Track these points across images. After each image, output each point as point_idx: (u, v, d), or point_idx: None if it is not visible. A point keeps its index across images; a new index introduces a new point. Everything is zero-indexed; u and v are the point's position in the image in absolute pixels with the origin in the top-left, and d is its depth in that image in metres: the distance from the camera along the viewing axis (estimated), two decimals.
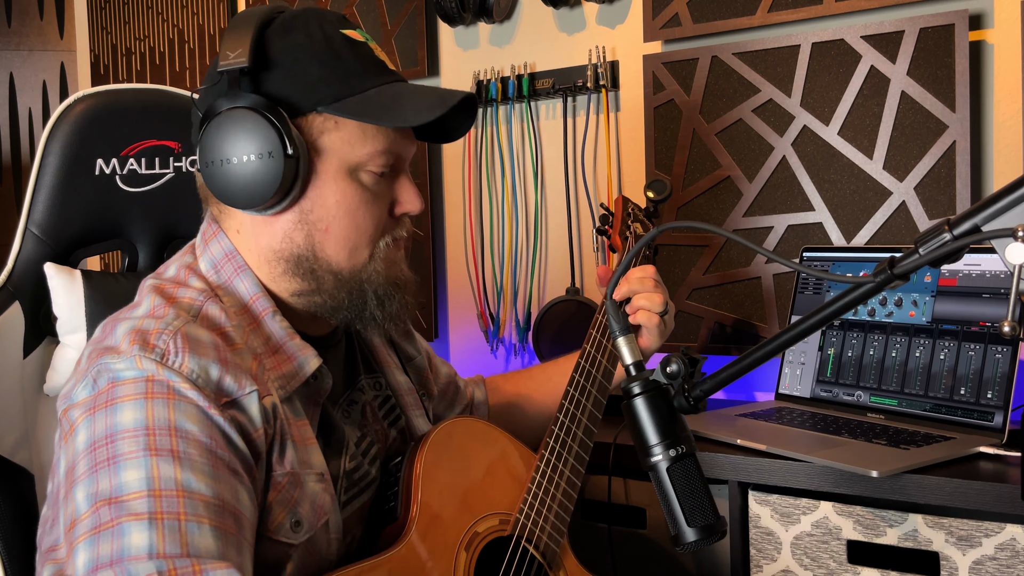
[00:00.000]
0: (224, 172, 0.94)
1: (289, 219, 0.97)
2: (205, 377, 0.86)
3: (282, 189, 0.94)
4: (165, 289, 0.96)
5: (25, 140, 2.96)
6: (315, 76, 0.96)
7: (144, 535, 0.77)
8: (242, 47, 0.94)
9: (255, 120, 0.92)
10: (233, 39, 0.95)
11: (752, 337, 1.77)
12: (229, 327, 0.94)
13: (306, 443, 0.95)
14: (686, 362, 0.85)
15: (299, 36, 0.97)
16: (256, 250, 1.00)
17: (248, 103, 0.93)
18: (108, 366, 0.86)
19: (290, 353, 0.97)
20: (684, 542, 0.82)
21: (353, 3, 2.18)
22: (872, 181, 1.66)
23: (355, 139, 0.97)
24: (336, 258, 0.99)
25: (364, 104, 0.96)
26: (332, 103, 0.96)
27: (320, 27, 0.98)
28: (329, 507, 0.96)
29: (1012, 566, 1.16)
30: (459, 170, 2.13)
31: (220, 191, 0.95)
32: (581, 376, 1.20)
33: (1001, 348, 1.37)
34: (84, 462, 0.82)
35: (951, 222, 0.71)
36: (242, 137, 0.92)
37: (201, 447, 0.83)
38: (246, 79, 0.94)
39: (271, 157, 0.92)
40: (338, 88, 0.96)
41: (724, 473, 1.35)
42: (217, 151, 0.94)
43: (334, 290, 0.99)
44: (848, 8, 1.66)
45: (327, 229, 0.97)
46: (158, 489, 0.79)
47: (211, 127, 0.94)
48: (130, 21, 2.59)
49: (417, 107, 0.97)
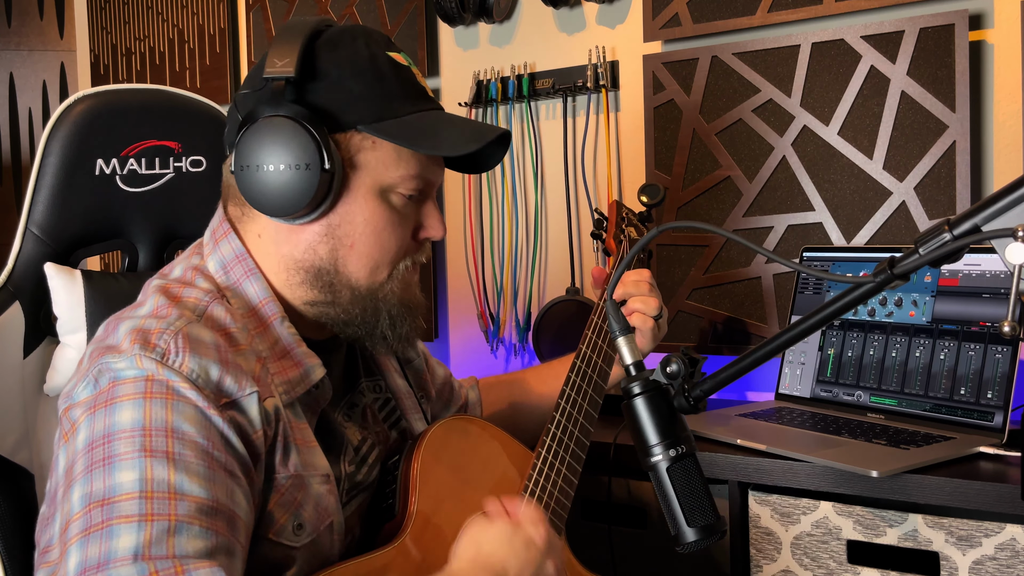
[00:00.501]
0: (259, 177, 0.94)
1: (316, 231, 0.98)
2: (205, 377, 0.86)
3: (315, 201, 0.94)
4: (170, 289, 0.96)
5: (25, 140, 2.96)
6: (357, 94, 0.96)
7: (132, 537, 0.77)
8: (290, 57, 0.94)
9: (296, 130, 0.93)
10: (282, 47, 0.95)
11: (751, 337, 1.77)
12: (234, 328, 0.94)
13: (309, 445, 0.96)
14: (686, 362, 0.85)
15: (345, 52, 0.97)
16: (276, 256, 1.00)
17: (290, 113, 0.93)
18: (109, 365, 0.86)
19: (297, 359, 0.97)
20: (684, 542, 0.82)
21: (353, 3, 2.19)
22: (872, 181, 1.66)
23: (390, 161, 0.98)
24: (357, 275, 0.99)
25: (403, 128, 0.97)
26: (372, 123, 0.96)
27: (367, 46, 0.99)
28: (333, 509, 0.97)
29: (1012, 566, 1.16)
30: None
31: (252, 196, 0.95)
32: (577, 376, 1.21)
33: (1001, 348, 1.37)
34: (82, 461, 0.82)
35: (951, 222, 0.71)
36: (281, 145, 0.93)
37: (197, 448, 0.83)
38: (290, 88, 0.95)
39: (308, 169, 0.93)
40: (379, 108, 0.97)
41: (724, 473, 1.36)
42: (254, 156, 0.94)
43: (349, 305, 1.00)
44: (848, 8, 1.66)
45: (352, 245, 0.98)
46: (150, 491, 0.79)
47: (250, 131, 0.94)
48: (130, 21, 2.59)
49: (454, 138, 0.98)
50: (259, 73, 0.97)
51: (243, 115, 0.96)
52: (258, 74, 0.97)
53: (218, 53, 2.44)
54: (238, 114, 0.97)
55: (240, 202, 1.01)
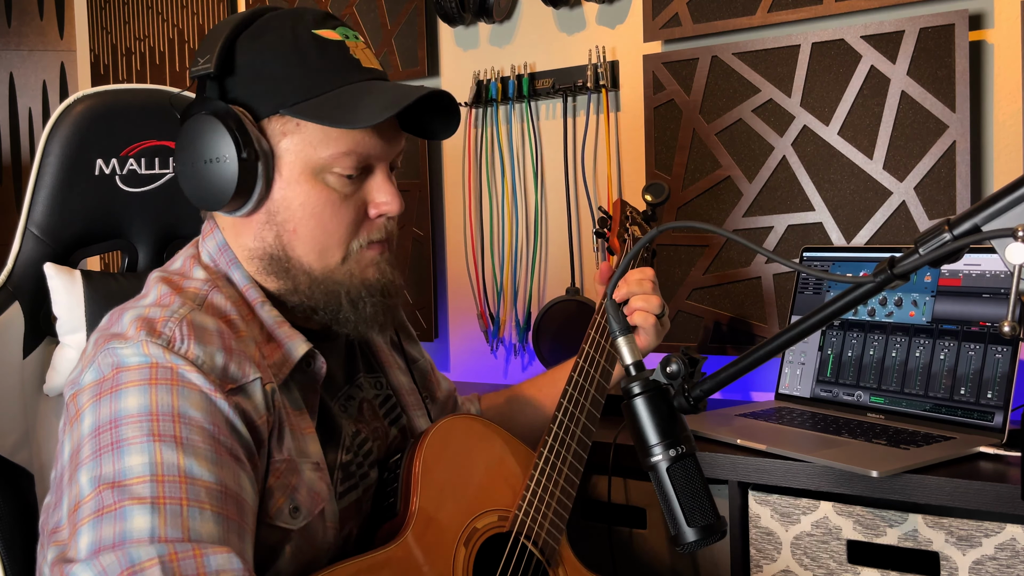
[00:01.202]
0: (191, 174, 0.98)
1: (259, 220, 1.00)
2: (211, 363, 0.88)
3: (240, 192, 0.95)
4: (172, 279, 0.98)
5: (25, 140, 2.96)
6: (279, 78, 0.96)
7: (146, 519, 0.78)
8: (211, 53, 0.96)
9: (213, 124, 0.95)
10: (205, 45, 0.98)
11: (751, 337, 1.77)
12: (234, 315, 0.96)
13: (303, 432, 0.97)
14: (686, 362, 0.85)
15: (269, 39, 0.98)
16: (238, 247, 1.02)
17: (208, 108, 0.95)
18: (115, 351, 0.87)
19: (280, 340, 0.98)
20: (684, 542, 0.82)
21: (353, 3, 2.19)
22: (872, 181, 1.66)
23: (317, 141, 0.96)
24: (307, 259, 1.00)
25: (321, 105, 0.95)
26: (293, 105, 0.96)
27: (292, 28, 0.98)
28: (325, 495, 0.97)
29: (1012, 566, 1.16)
30: (459, 170, 2.13)
31: (190, 193, 0.99)
32: (580, 376, 1.21)
33: (1001, 348, 1.37)
34: (89, 446, 0.83)
35: (951, 222, 0.71)
36: (201, 141, 0.95)
37: (204, 433, 0.84)
38: (213, 84, 0.97)
39: (226, 161, 0.94)
40: (301, 89, 0.96)
41: (724, 473, 1.36)
42: (184, 155, 0.98)
43: (309, 291, 1.00)
44: (848, 8, 1.66)
45: (295, 230, 0.99)
46: (161, 474, 0.80)
47: (181, 131, 0.98)
48: (130, 21, 2.59)
49: (372, 107, 0.94)
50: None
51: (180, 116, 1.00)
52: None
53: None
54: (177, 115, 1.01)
55: None
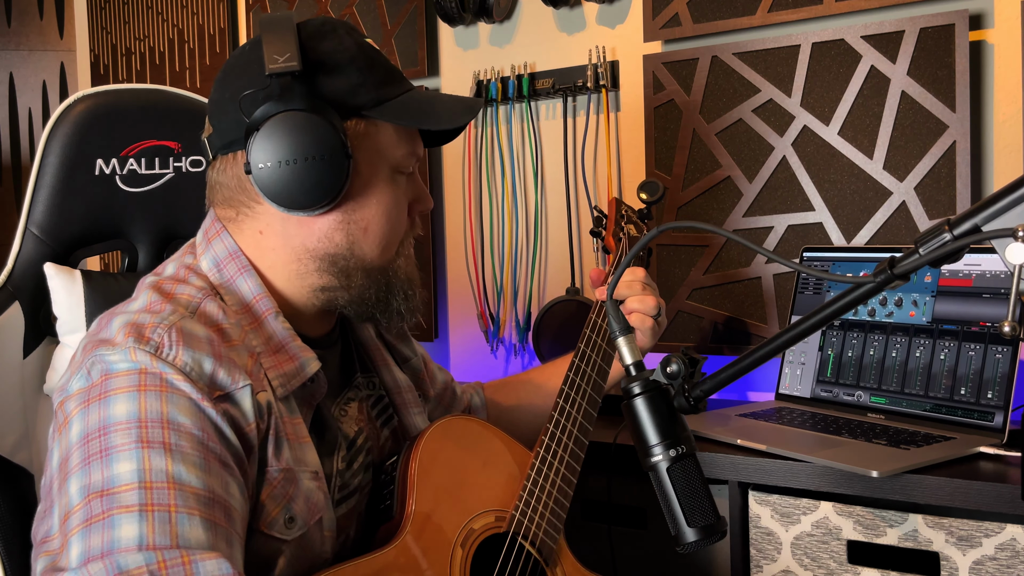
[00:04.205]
0: (282, 174, 0.94)
1: (331, 219, 0.99)
2: (199, 370, 0.87)
3: (336, 189, 0.96)
4: (163, 286, 0.97)
5: (25, 140, 2.96)
6: (356, 81, 0.98)
7: (134, 527, 0.78)
8: (290, 51, 0.93)
9: (313, 122, 0.93)
10: (276, 42, 0.94)
11: (751, 337, 1.77)
12: (227, 324, 0.94)
13: (300, 441, 0.96)
14: (686, 362, 0.85)
15: (333, 43, 0.98)
16: (285, 249, 1.00)
17: (305, 106, 0.93)
18: (102, 358, 0.87)
19: (292, 353, 0.98)
20: (684, 542, 0.82)
21: (353, 3, 2.19)
22: (872, 181, 1.66)
23: (392, 142, 1.01)
24: (370, 256, 1.02)
25: (403, 108, 1.00)
26: (374, 107, 0.98)
27: (348, 35, 1.00)
28: (322, 504, 0.97)
29: (1012, 566, 1.16)
30: (459, 170, 2.13)
31: (276, 193, 0.95)
32: (576, 375, 1.21)
33: (1001, 348, 1.37)
34: (77, 454, 0.83)
35: (951, 222, 0.71)
36: (301, 139, 0.93)
37: (193, 439, 0.84)
38: (298, 82, 0.94)
39: (331, 158, 0.94)
40: (376, 93, 0.99)
41: (724, 473, 1.35)
42: (275, 154, 0.93)
43: (363, 286, 1.02)
44: (848, 8, 1.66)
45: (367, 228, 1.01)
46: (149, 481, 0.80)
47: (266, 130, 0.93)
48: (130, 21, 2.59)
49: (451, 111, 1.03)
50: (257, 70, 0.95)
51: (250, 114, 0.94)
52: (255, 71, 0.96)
53: (218, 53, 2.44)
54: (242, 115, 0.95)
55: (235, 202, 1.01)
